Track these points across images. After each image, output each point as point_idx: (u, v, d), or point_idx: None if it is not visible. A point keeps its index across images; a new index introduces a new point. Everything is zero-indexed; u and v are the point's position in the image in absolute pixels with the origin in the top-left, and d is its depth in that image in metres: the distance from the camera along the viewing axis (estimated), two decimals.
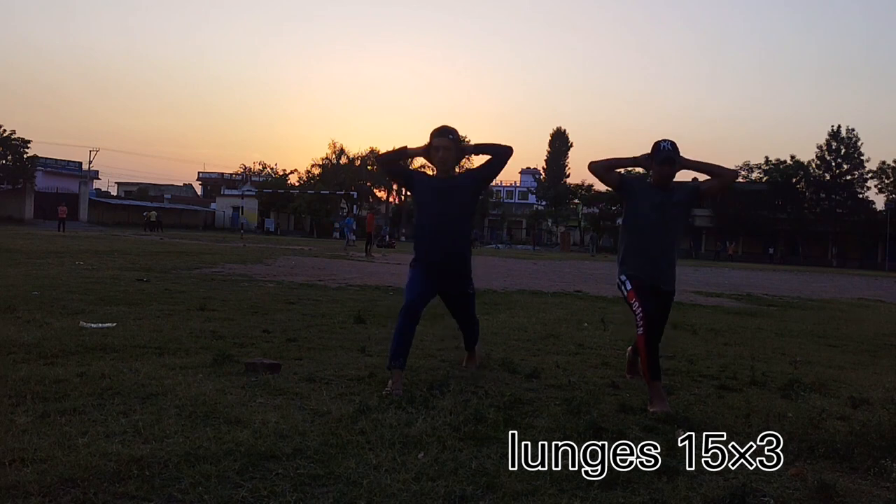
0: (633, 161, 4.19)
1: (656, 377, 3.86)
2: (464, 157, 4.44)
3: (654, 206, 4.07)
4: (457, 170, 4.40)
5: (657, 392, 3.83)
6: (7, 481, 2.29)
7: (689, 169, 4.18)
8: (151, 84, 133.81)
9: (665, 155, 4.02)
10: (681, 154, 4.08)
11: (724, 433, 3.20)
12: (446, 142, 4.23)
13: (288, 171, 74.87)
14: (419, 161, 4.96)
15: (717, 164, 4.17)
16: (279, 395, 3.60)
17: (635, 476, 2.68)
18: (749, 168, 65.31)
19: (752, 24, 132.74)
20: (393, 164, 4.58)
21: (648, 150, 4.11)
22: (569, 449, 2.84)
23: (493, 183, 5.20)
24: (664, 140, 4.07)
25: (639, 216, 4.13)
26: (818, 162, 61.55)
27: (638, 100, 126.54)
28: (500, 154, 4.29)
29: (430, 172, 4.50)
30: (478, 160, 4.44)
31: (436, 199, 4.23)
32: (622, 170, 4.29)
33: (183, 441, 2.76)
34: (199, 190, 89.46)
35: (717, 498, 2.52)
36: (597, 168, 4.22)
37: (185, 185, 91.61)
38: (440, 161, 4.24)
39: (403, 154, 4.46)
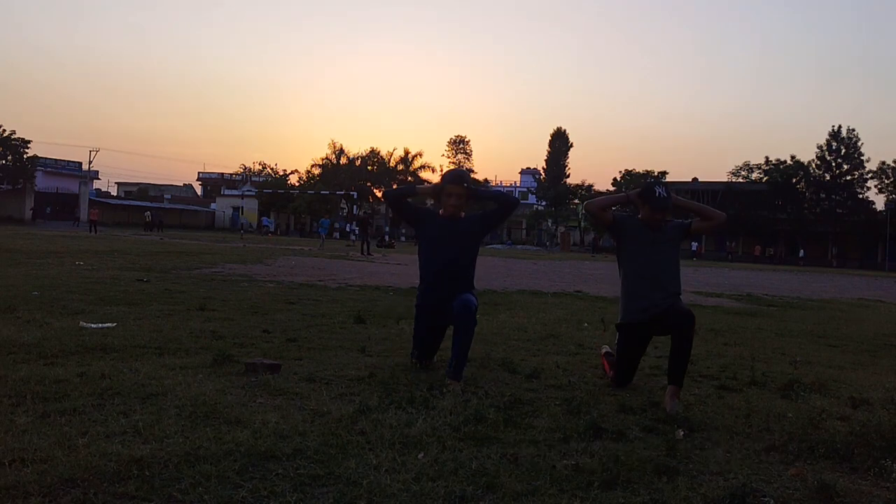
0: (627, 198, 4.38)
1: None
2: (471, 201, 4.52)
3: (646, 244, 4.24)
4: (461, 213, 4.49)
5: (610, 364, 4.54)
6: (7, 481, 2.29)
7: (680, 208, 4.37)
8: (151, 84, 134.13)
9: (662, 204, 4.19)
10: (672, 193, 4.26)
11: (724, 433, 3.21)
12: (460, 190, 4.38)
13: (288, 171, 74.95)
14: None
15: (706, 207, 4.41)
16: (279, 395, 3.60)
17: (635, 476, 2.68)
18: (749, 168, 65.32)
19: (752, 24, 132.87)
20: (400, 200, 4.65)
21: (640, 189, 4.30)
22: (569, 449, 2.84)
23: (493, 182, 5.35)
24: (658, 185, 4.24)
25: (633, 256, 4.29)
26: (818, 162, 61.44)
27: (638, 100, 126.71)
28: (507, 205, 4.51)
29: (435, 210, 4.60)
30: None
31: (443, 240, 4.38)
32: (615, 209, 4.48)
33: (183, 441, 2.76)
34: (199, 190, 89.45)
35: (717, 498, 2.52)
36: (592, 209, 4.39)
37: (185, 185, 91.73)
38: (452, 207, 4.38)
39: (412, 192, 4.53)
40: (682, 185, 59.28)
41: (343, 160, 69.67)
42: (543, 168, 72.12)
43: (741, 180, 65.22)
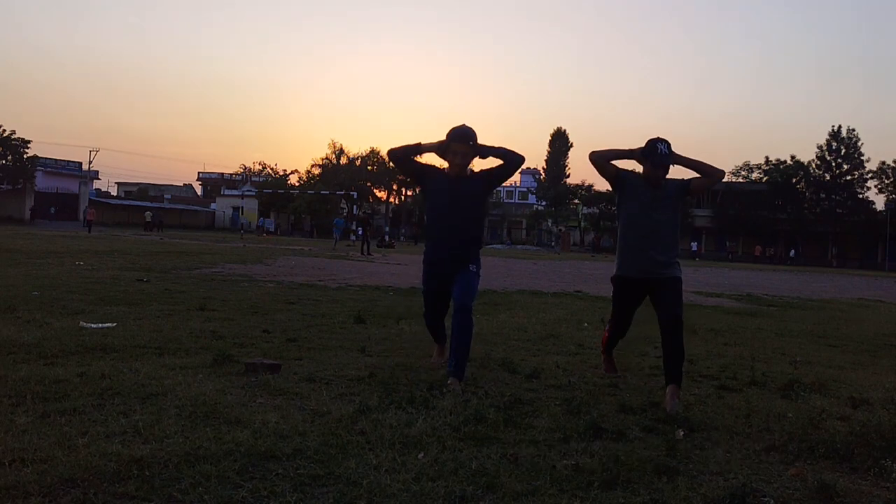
0: (630, 154, 4.34)
1: (609, 353, 4.78)
2: (476, 156, 4.48)
3: (646, 201, 4.24)
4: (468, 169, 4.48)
5: (609, 362, 4.77)
6: (7, 481, 2.29)
7: (679, 165, 4.33)
8: (151, 84, 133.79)
9: (662, 160, 4.18)
10: (673, 151, 4.21)
11: (724, 433, 3.20)
12: (466, 148, 4.33)
13: (288, 171, 74.96)
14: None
15: (705, 163, 4.35)
16: (279, 395, 3.60)
17: (635, 476, 2.68)
18: (749, 168, 65.32)
19: (752, 24, 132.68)
20: (405, 158, 4.58)
21: (643, 145, 4.24)
22: (569, 449, 2.84)
23: None
24: (660, 141, 4.18)
25: (631, 211, 4.29)
26: (818, 162, 61.45)
27: (638, 100, 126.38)
28: (513, 161, 4.42)
29: (440, 167, 4.57)
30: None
31: (448, 198, 4.36)
32: (618, 162, 4.45)
33: (183, 441, 2.76)
34: (199, 190, 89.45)
35: (717, 498, 2.52)
36: (597, 158, 4.37)
37: (185, 185, 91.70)
38: (458, 166, 4.36)
39: (417, 150, 4.47)
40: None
41: (343, 160, 69.70)
42: (543, 168, 72.09)
43: (741, 180, 65.21)
